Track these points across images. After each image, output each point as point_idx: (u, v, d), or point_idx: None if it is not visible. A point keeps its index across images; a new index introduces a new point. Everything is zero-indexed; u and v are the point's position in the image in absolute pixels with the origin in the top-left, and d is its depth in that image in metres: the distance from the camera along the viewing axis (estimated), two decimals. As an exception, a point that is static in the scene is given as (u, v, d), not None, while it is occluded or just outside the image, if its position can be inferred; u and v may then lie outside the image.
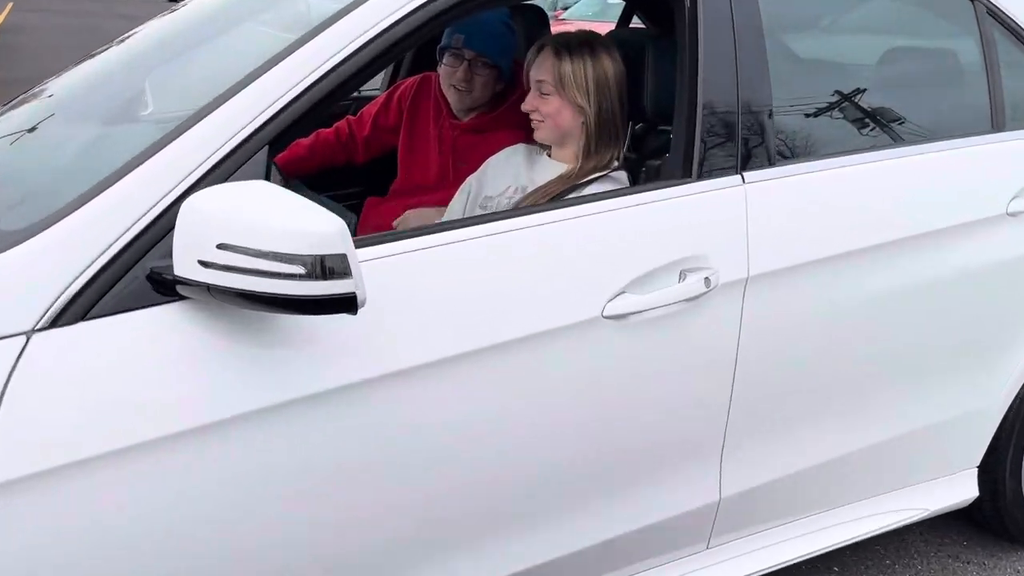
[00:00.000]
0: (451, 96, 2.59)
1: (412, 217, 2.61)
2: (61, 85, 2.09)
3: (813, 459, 1.99)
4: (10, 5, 16.80)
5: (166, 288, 1.31)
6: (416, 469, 1.51)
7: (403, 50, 1.51)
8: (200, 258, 1.24)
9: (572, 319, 1.60)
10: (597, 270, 1.64)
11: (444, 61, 2.58)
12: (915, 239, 1.97)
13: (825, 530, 2.07)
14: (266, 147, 1.42)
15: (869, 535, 2.17)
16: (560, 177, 2.07)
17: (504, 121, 2.62)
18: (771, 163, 1.85)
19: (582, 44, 2.06)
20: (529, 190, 2.12)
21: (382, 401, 1.45)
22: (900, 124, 2.08)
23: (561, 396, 1.63)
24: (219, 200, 1.26)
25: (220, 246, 1.23)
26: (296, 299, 1.22)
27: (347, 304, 1.23)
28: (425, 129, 2.73)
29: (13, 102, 2.13)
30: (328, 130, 2.85)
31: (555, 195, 2.02)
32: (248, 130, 1.40)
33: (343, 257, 1.22)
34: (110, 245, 1.31)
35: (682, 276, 1.71)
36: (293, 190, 2.60)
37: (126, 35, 2.24)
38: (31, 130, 1.88)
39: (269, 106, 1.41)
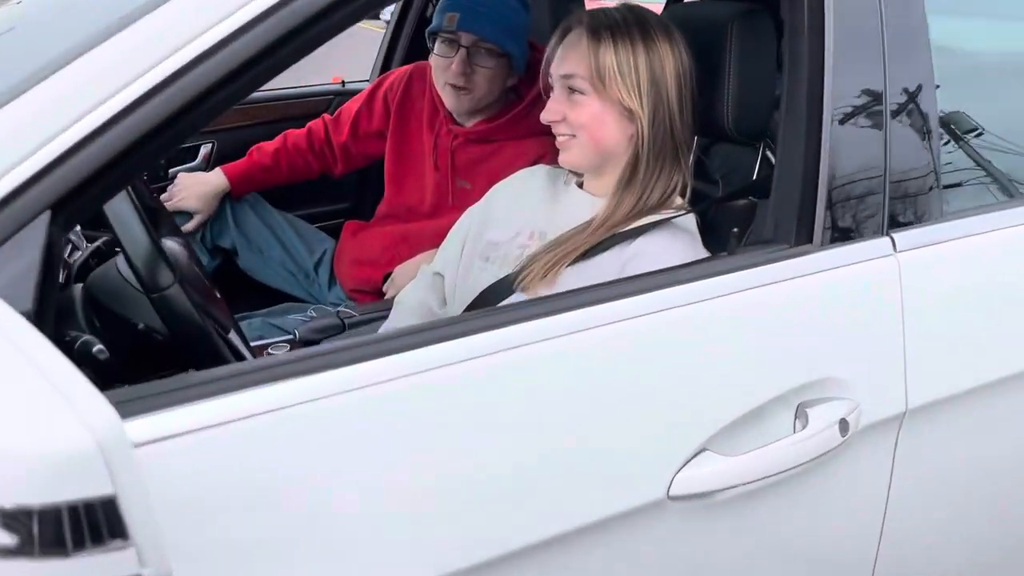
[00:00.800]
0: (447, 96, 1.92)
1: (401, 275, 1.95)
2: None
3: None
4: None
5: None
6: None
7: (295, 53, 0.83)
8: None
9: (614, 508, 0.92)
10: (655, 416, 0.96)
11: (435, 50, 1.90)
12: None
13: None
14: (46, 214, 0.75)
15: None
16: (595, 223, 1.38)
17: (519, 127, 1.94)
18: (937, 216, 1.15)
19: (629, 23, 1.36)
20: (549, 237, 1.44)
21: None
22: None
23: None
24: None
25: None
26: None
27: (129, 595, 0.56)
28: (418, 136, 2.06)
29: None
30: (299, 131, 2.20)
31: (587, 251, 1.34)
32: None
33: (110, 506, 0.54)
34: None
35: (800, 415, 1.02)
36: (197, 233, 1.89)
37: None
38: None
39: (45, 143, 0.74)
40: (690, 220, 1.35)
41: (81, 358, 1.08)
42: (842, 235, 1.09)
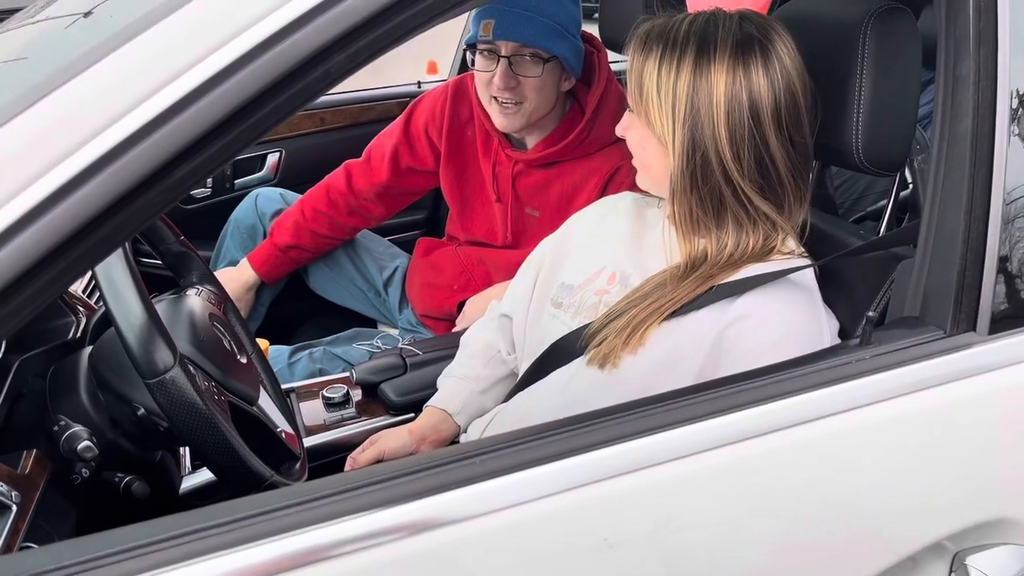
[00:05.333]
0: (494, 113, 1.66)
1: (472, 310, 1.75)
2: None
3: None
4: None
5: None
6: None
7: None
8: None
9: None
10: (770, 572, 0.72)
11: (476, 64, 1.65)
12: None
13: None
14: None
15: None
16: (679, 273, 1.14)
17: (585, 145, 1.69)
18: None
19: (688, 35, 1.08)
20: (632, 280, 1.20)
21: None
22: None
23: None
24: None
25: None
26: None
27: None
28: (475, 166, 1.82)
29: None
30: (317, 191, 1.94)
31: (675, 309, 1.10)
32: None
33: None
34: None
35: (958, 570, 0.76)
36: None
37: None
38: None
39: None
40: (808, 276, 1.09)
41: (68, 455, 0.93)
42: (1018, 318, 0.82)
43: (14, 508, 0.81)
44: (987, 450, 0.79)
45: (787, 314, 1.06)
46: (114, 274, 0.90)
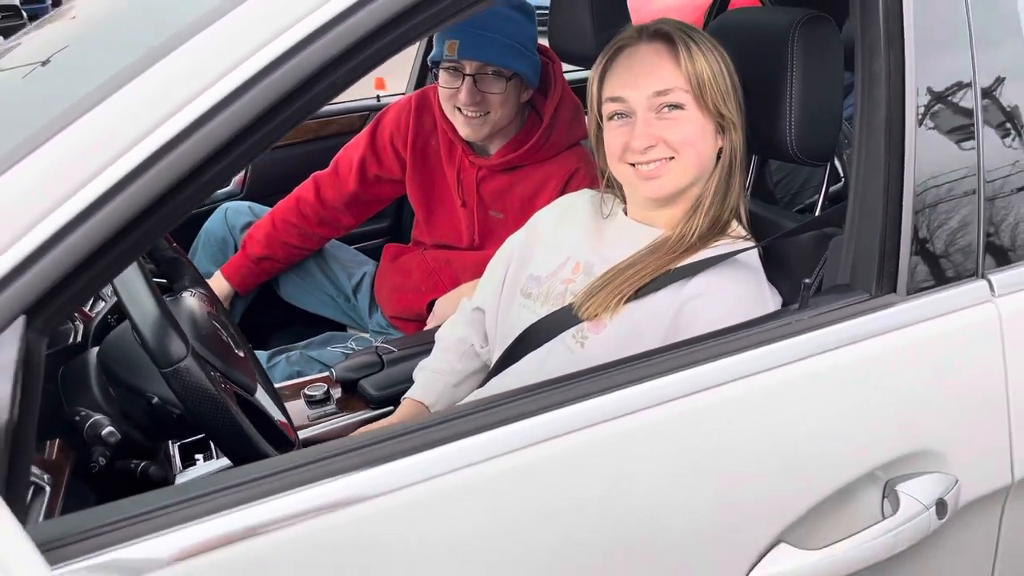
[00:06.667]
0: (459, 124, 1.77)
1: (442, 307, 1.84)
2: None
3: None
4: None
5: None
6: None
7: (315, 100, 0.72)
8: None
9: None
10: (721, 505, 0.84)
11: (440, 79, 1.76)
12: None
13: None
14: (20, 320, 0.66)
15: None
16: (664, 249, 1.25)
17: (544, 149, 1.80)
18: (1042, 252, 1.00)
19: (692, 29, 1.25)
20: (596, 270, 1.32)
21: None
22: None
23: None
24: None
25: None
26: None
27: None
28: (440, 173, 1.91)
29: None
30: (288, 203, 2.02)
31: (636, 291, 1.22)
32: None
33: None
34: None
35: (890, 495, 0.89)
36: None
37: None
38: None
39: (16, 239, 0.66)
40: (753, 254, 1.22)
41: (92, 441, 1.00)
42: (931, 280, 0.95)
43: (48, 489, 0.88)
44: (910, 393, 0.91)
45: (734, 291, 1.18)
46: (128, 276, 0.98)
